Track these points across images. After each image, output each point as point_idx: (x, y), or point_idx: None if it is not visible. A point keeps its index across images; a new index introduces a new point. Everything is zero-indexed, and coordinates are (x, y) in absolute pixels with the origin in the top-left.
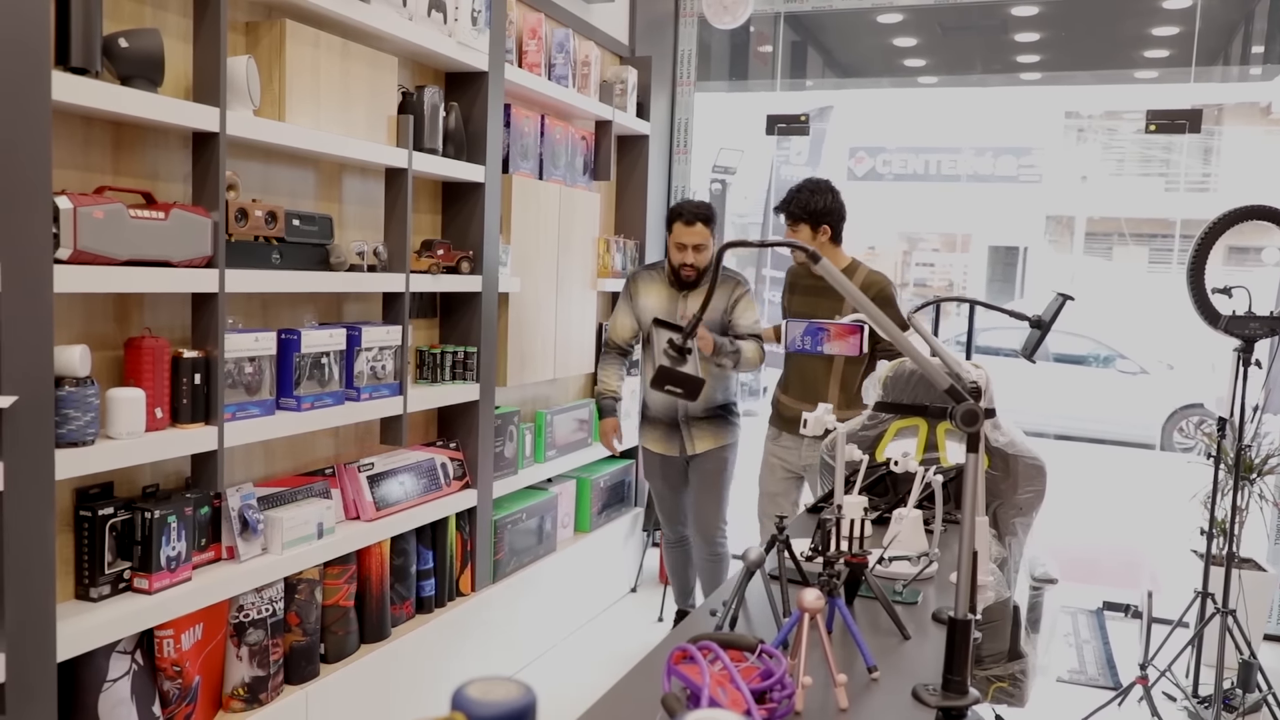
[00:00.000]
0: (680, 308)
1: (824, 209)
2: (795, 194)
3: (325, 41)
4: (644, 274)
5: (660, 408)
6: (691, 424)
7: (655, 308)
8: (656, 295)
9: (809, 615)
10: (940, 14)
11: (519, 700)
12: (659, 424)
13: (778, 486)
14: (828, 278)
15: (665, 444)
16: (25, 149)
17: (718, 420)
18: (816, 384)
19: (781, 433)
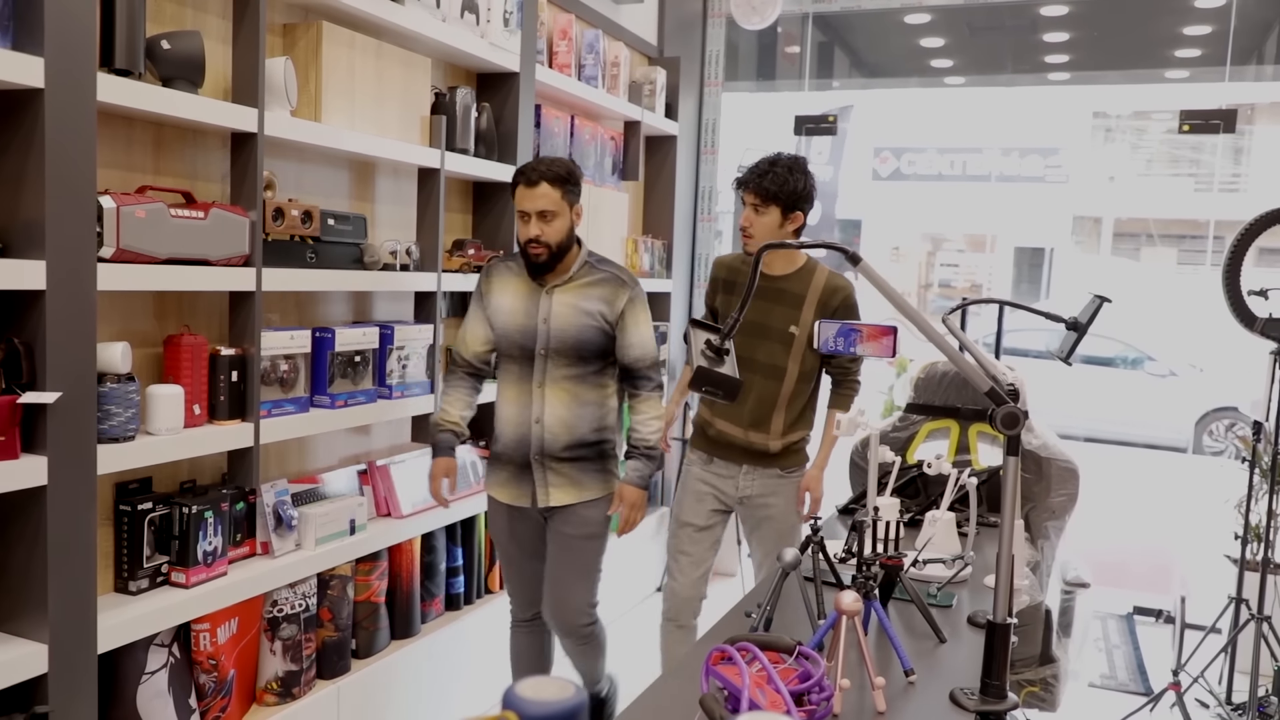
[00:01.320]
0: (541, 309)
1: (802, 192)
2: (770, 168)
3: (360, 43)
4: (499, 266)
5: (510, 440)
6: (547, 465)
7: (510, 309)
8: (512, 293)
9: (846, 617)
10: (969, 14)
11: (570, 700)
12: (507, 463)
13: (705, 519)
14: (875, 284)
15: (513, 490)
16: (71, 149)
17: (584, 464)
18: (762, 407)
19: (714, 459)
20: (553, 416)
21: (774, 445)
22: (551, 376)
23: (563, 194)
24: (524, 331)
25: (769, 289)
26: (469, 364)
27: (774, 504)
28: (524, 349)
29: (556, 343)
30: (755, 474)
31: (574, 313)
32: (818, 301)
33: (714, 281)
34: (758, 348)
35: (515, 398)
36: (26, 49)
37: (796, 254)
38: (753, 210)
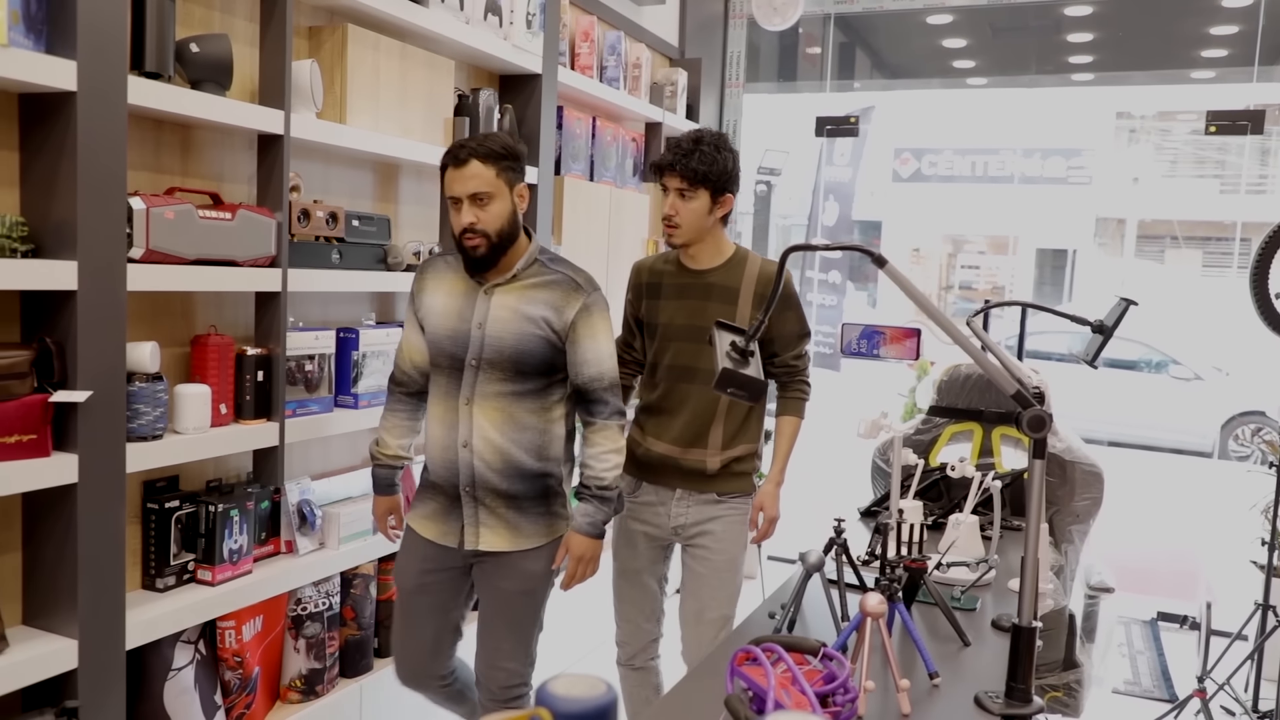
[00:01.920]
0: (477, 312)
1: (732, 171)
2: (695, 146)
3: (385, 45)
4: (436, 262)
5: (438, 465)
6: (480, 499)
7: (442, 310)
8: (446, 292)
9: (871, 619)
10: (992, 15)
11: (601, 698)
12: (437, 492)
13: (639, 561)
14: (901, 286)
15: (439, 525)
16: (102, 151)
17: (523, 503)
18: (700, 419)
19: (640, 483)
20: (483, 440)
21: (711, 463)
22: (482, 392)
23: (498, 172)
24: (454, 337)
25: (697, 285)
26: (409, 380)
27: (711, 533)
28: (453, 358)
29: (491, 352)
30: (689, 499)
31: (514, 318)
32: (754, 293)
33: (635, 289)
34: (695, 353)
35: (442, 415)
36: (59, 52)
37: (724, 243)
38: (677, 196)
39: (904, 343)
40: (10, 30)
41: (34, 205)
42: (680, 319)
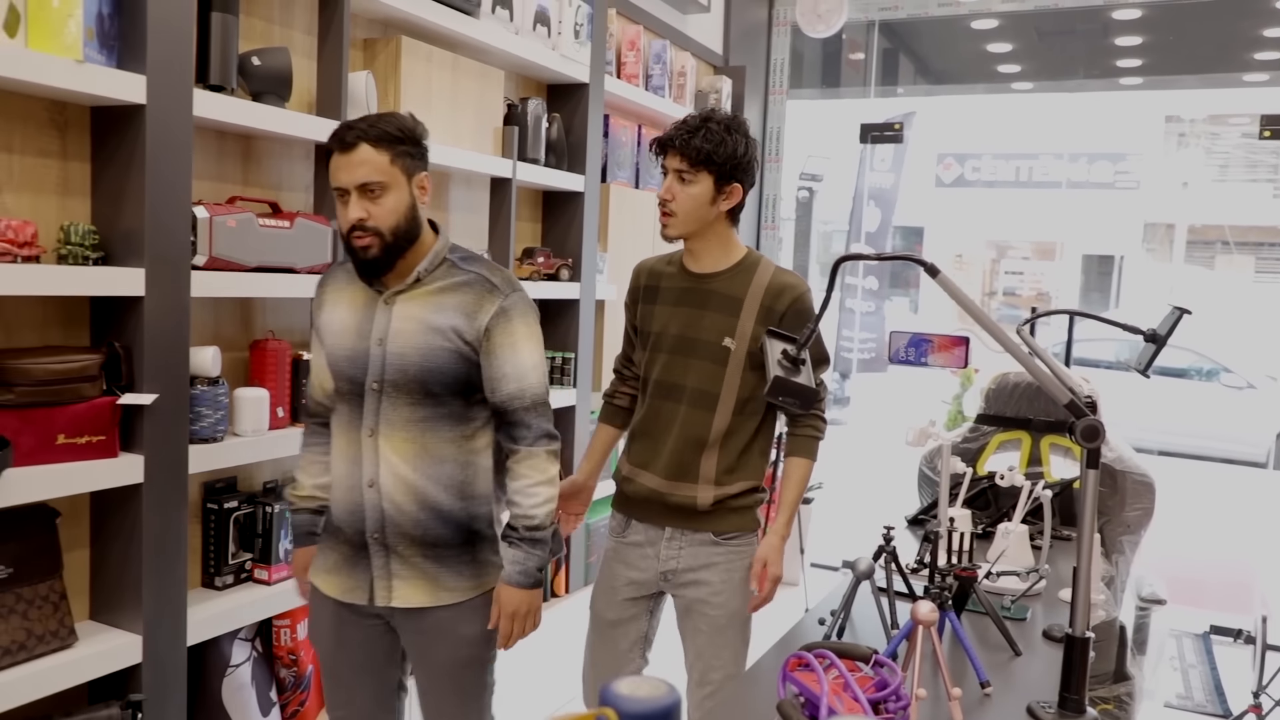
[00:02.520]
0: (376, 325)
1: (743, 158)
2: (702, 124)
3: (438, 57)
4: (337, 272)
5: (341, 509)
6: (391, 548)
7: (339, 326)
8: (346, 305)
9: (922, 627)
10: (1038, 19)
11: (665, 698)
12: (339, 541)
13: (618, 610)
14: (953, 296)
15: (343, 579)
16: (169, 162)
17: (442, 551)
18: (687, 447)
19: (630, 521)
20: (392, 478)
21: (703, 499)
22: (388, 420)
23: (393, 159)
24: (353, 357)
25: (695, 290)
26: (323, 409)
27: (707, 583)
28: (353, 382)
29: (394, 372)
30: (680, 540)
31: (418, 330)
32: (760, 305)
33: (633, 291)
34: (684, 368)
35: (345, 450)
36: (130, 67)
37: (732, 245)
38: (676, 179)
39: (952, 350)
40: (85, 46)
41: (104, 214)
42: (674, 328)
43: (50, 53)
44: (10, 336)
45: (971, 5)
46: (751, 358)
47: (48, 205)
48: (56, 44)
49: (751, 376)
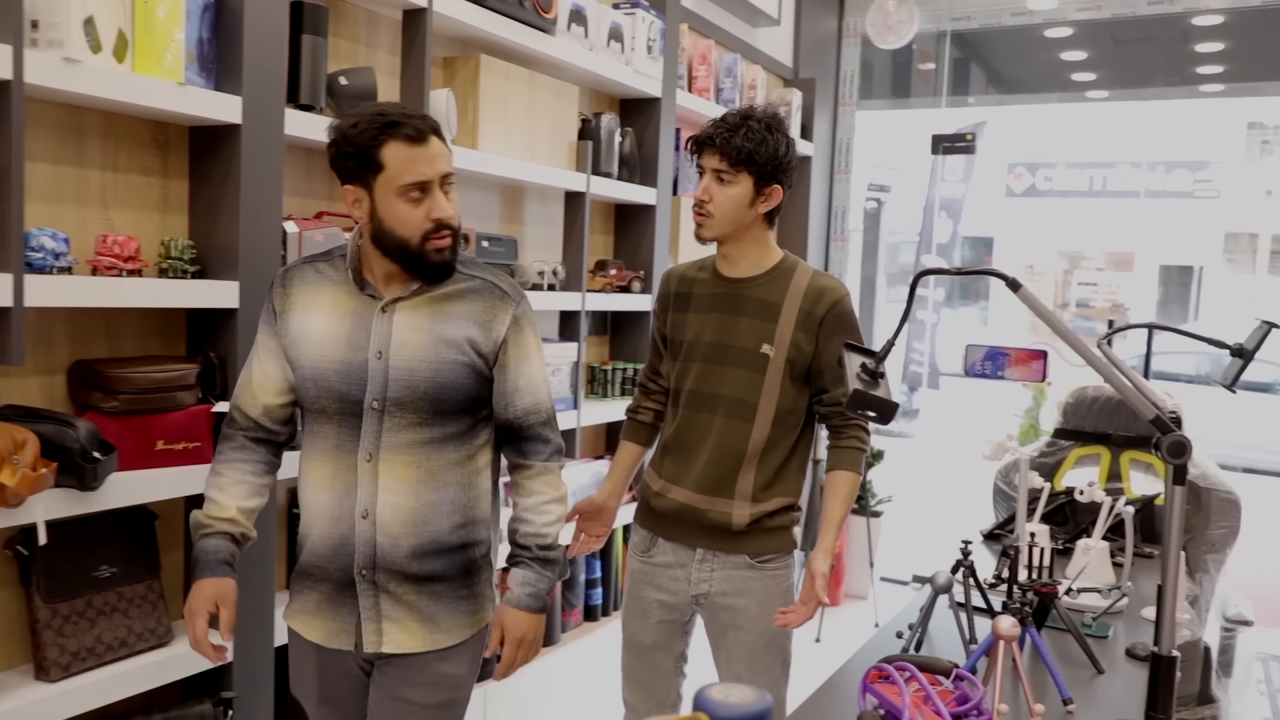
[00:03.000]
0: (375, 336)
1: (782, 158)
2: (742, 122)
3: (515, 73)
4: (302, 270)
5: (322, 545)
6: (382, 586)
7: (325, 335)
8: (327, 311)
9: (1003, 642)
10: (1114, 26)
11: (757, 704)
12: (318, 580)
13: (652, 634)
14: (1035, 310)
15: (326, 623)
16: (262, 179)
17: (440, 586)
18: (724, 461)
19: (657, 540)
20: (391, 508)
21: (738, 518)
22: (390, 444)
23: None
24: (346, 371)
25: (730, 296)
26: (255, 425)
27: (742, 609)
28: (345, 399)
29: (399, 389)
30: (714, 562)
31: (429, 342)
32: (799, 310)
33: (662, 299)
34: (719, 377)
35: (330, 478)
36: (226, 88)
37: (769, 248)
38: (714, 179)
39: (1030, 364)
40: (186, 69)
41: (200, 229)
42: (707, 335)
43: (155, 76)
44: (114, 346)
45: (1046, 14)
46: (791, 365)
47: (149, 221)
48: (160, 68)
49: (791, 386)
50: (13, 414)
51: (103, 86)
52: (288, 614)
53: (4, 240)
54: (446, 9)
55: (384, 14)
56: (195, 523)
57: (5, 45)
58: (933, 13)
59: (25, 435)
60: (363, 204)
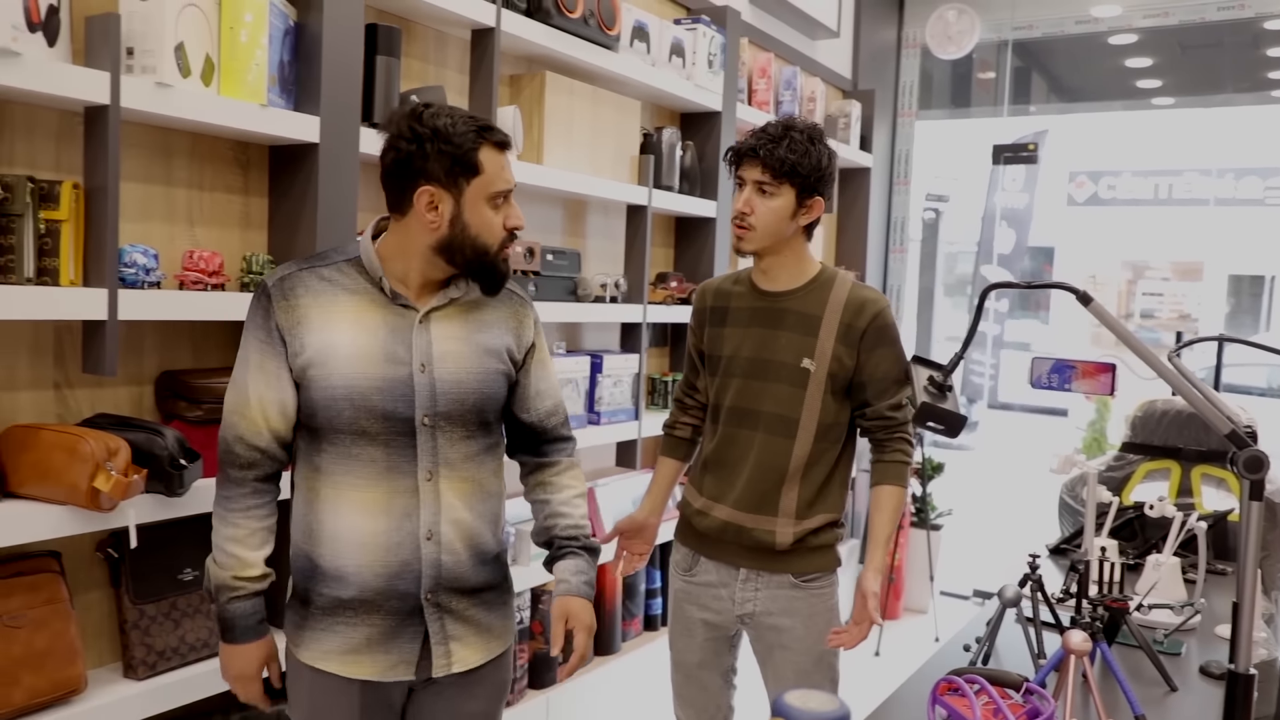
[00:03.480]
0: (417, 349)
1: (824, 170)
2: (784, 133)
3: (579, 90)
4: (303, 280)
5: (373, 577)
6: (445, 607)
7: (357, 351)
8: (353, 323)
9: (1074, 656)
10: (1181, 33)
11: (835, 711)
12: (370, 613)
13: (699, 653)
14: (1107, 324)
15: (382, 656)
16: (338, 195)
17: (490, 596)
18: (767, 477)
19: (699, 559)
20: (452, 526)
21: (782, 537)
22: (447, 460)
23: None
24: (387, 388)
25: (769, 310)
26: (262, 458)
27: (788, 629)
28: (392, 418)
29: (449, 403)
30: (758, 582)
31: (471, 352)
32: (840, 322)
33: (698, 314)
34: (759, 393)
35: (385, 503)
36: (305, 109)
37: (807, 260)
38: (756, 191)
39: (1098, 378)
40: (268, 91)
41: (279, 244)
42: (746, 350)
43: (239, 98)
44: (198, 358)
45: (1111, 22)
46: (833, 379)
47: (231, 237)
48: (244, 90)
49: (833, 400)
50: (105, 422)
51: (191, 109)
52: (313, 657)
53: (100, 256)
54: (514, 28)
55: (453, 34)
56: (220, 584)
57: (103, 72)
58: (994, 22)
59: (118, 443)
60: (444, 206)
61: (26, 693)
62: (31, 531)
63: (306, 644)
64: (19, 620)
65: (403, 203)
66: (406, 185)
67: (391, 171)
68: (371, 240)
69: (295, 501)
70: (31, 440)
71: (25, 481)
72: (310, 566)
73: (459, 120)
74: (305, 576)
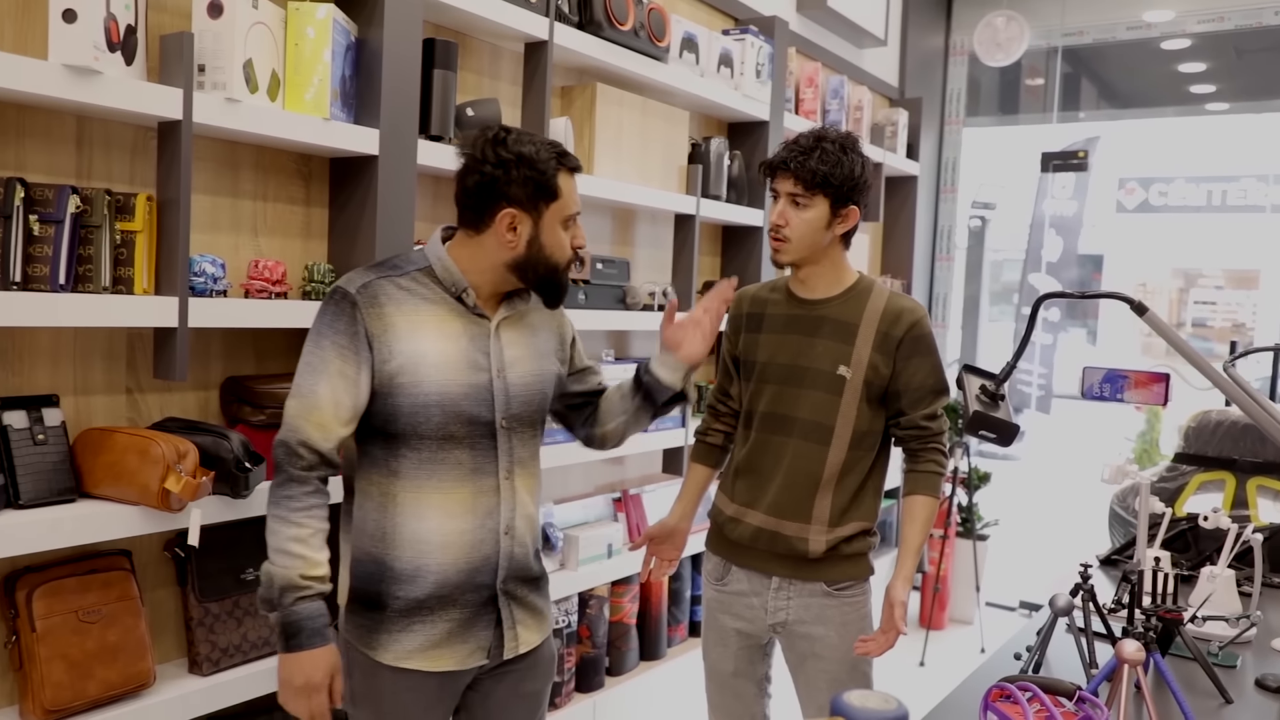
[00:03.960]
0: (493, 355)
1: (858, 179)
2: (816, 144)
3: (628, 101)
4: (381, 288)
5: (455, 571)
6: (512, 594)
7: (444, 359)
8: (437, 331)
9: (1128, 666)
10: (1237, 37)
11: (894, 711)
12: (449, 607)
13: (732, 662)
14: (1162, 334)
15: (460, 646)
16: (396, 205)
17: (542, 581)
18: (800, 484)
19: (730, 568)
20: (523, 520)
21: (814, 545)
22: (520, 459)
23: None
24: (473, 394)
25: (805, 317)
26: (322, 461)
27: (821, 637)
28: (475, 422)
29: (520, 406)
30: (790, 590)
31: (533, 357)
32: (876, 331)
33: (734, 321)
34: (794, 399)
35: (470, 503)
36: (365, 122)
37: (844, 269)
38: (789, 203)
39: (1151, 388)
40: (330, 105)
41: (339, 253)
42: (782, 357)
43: (303, 112)
44: (261, 364)
45: (1164, 27)
46: (869, 387)
47: (293, 247)
48: (308, 104)
49: (868, 408)
50: (174, 426)
51: (258, 123)
52: (396, 657)
53: (172, 266)
54: (566, 41)
55: (507, 47)
56: (286, 584)
57: (176, 88)
58: (1043, 29)
59: (187, 446)
60: (523, 228)
61: (100, 685)
62: (106, 530)
63: (385, 646)
64: (94, 616)
65: (481, 222)
66: (488, 206)
67: (473, 192)
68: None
69: (360, 508)
70: (106, 443)
71: (100, 483)
72: (380, 570)
73: (541, 147)
74: (374, 580)
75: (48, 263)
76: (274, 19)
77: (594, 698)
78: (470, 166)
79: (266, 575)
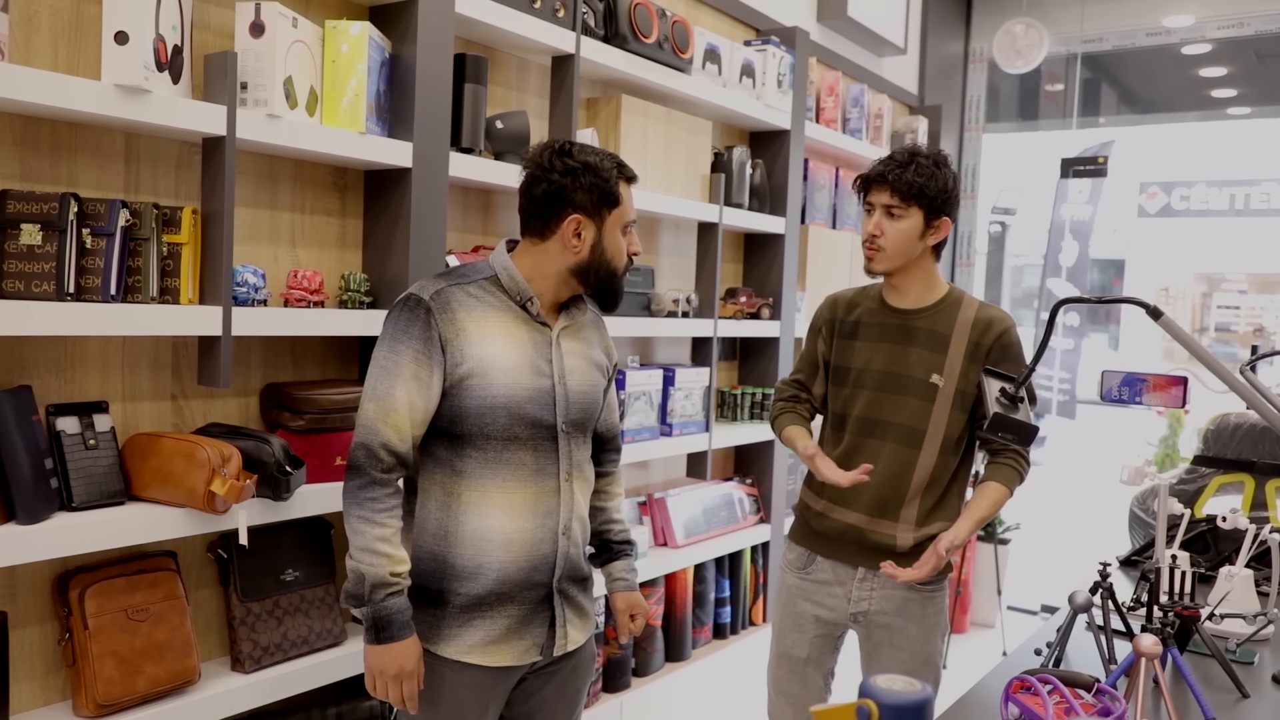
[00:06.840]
0: (555, 363)
1: (950, 192)
2: (911, 159)
3: (653, 111)
4: (454, 295)
5: (517, 569)
6: (563, 592)
7: (512, 364)
8: (504, 337)
9: (1145, 660)
10: (1258, 42)
11: (920, 694)
12: (508, 604)
13: (807, 649)
14: (1178, 338)
15: (517, 642)
16: (428, 217)
17: (589, 581)
18: (892, 485)
19: (815, 558)
20: (579, 521)
21: (903, 540)
22: (577, 462)
23: None
24: (537, 398)
25: (900, 327)
26: (399, 462)
27: (901, 629)
28: (539, 425)
29: (577, 411)
30: (874, 581)
31: (586, 366)
32: (968, 341)
33: (828, 324)
34: (891, 405)
35: (533, 503)
36: (399, 135)
37: (936, 280)
38: (885, 214)
39: (1169, 391)
40: (366, 119)
41: (374, 263)
42: (878, 364)
43: (340, 127)
44: (299, 371)
45: (1183, 33)
46: (961, 395)
47: (330, 257)
48: (344, 119)
49: (959, 415)
50: (218, 431)
51: (297, 138)
52: (459, 652)
53: (216, 276)
54: (592, 54)
55: (534, 61)
56: (378, 581)
57: (220, 105)
58: (1062, 35)
59: (230, 450)
60: (587, 233)
61: (149, 681)
62: (154, 532)
63: (448, 640)
64: (142, 614)
65: (546, 229)
66: (555, 213)
67: (540, 200)
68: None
69: (423, 506)
70: (153, 448)
71: (148, 486)
72: (441, 568)
73: (603, 157)
74: (435, 577)
75: (99, 274)
76: (312, 37)
77: (620, 698)
78: (537, 176)
79: (355, 573)
